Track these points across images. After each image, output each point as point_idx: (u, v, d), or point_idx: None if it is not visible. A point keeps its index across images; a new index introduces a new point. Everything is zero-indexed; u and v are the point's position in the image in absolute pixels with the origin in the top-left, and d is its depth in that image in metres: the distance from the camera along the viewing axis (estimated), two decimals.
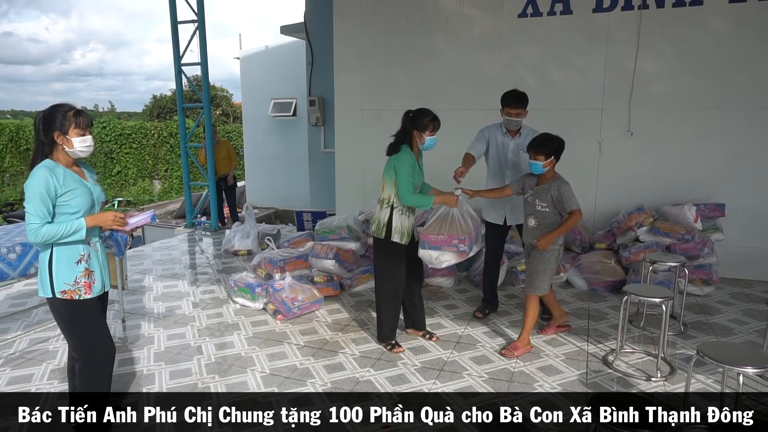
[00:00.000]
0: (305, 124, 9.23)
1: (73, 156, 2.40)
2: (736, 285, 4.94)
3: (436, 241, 3.39)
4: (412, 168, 3.43)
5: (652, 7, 5.09)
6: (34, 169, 2.34)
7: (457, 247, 3.36)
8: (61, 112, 2.36)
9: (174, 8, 7.22)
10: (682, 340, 3.79)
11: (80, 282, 2.42)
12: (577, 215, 3.34)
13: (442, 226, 3.44)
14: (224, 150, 7.97)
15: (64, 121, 2.35)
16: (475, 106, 5.89)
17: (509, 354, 3.51)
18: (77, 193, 2.37)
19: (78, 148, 2.37)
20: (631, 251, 4.86)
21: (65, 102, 2.42)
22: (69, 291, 2.40)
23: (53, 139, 2.35)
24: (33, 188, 2.29)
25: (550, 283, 3.52)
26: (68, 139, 2.36)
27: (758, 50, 4.85)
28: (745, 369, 2.31)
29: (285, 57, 11.21)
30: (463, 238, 3.36)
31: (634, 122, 5.28)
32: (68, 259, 2.40)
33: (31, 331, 3.96)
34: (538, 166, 3.31)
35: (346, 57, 6.39)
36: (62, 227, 2.32)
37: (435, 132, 3.48)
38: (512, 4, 5.57)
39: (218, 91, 26.63)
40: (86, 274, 2.44)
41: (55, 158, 2.38)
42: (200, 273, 5.53)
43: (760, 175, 5.01)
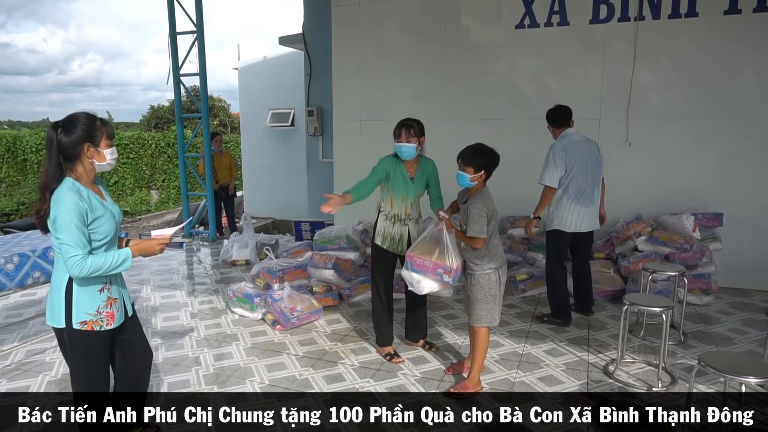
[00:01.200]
0: (303, 134, 9.24)
1: (100, 169, 2.22)
2: (735, 294, 4.95)
3: (421, 264, 3.13)
4: (383, 169, 3.47)
5: (648, 18, 5.14)
6: (60, 194, 2.09)
7: (441, 277, 3.08)
8: (87, 121, 2.15)
9: (173, 19, 7.25)
10: (683, 349, 3.78)
11: (103, 312, 2.23)
12: (474, 243, 2.98)
13: (431, 250, 3.13)
14: (227, 160, 8.02)
15: (95, 131, 2.15)
16: (473, 116, 5.92)
17: (457, 391, 3.12)
18: (104, 218, 2.19)
19: (108, 161, 2.20)
20: (630, 260, 4.86)
21: (83, 111, 2.20)
22: (90, 322, 2.20)
23: (80, 153, 2.13)
24: (66, 216, 2.05)
25: (497, 312, 3.14)
26: (99, 152, 2.17)
27: (753, 61, 4.90)
28: (747, 379, 2.30)
29: (283, 67, 11.26)
30: (449, 269, 3.06)
31: (632, 132, 5.31)
32: (91, 287, 2.20)
33: (27, 342, 3.93)
34: (465, 178, 3.02)
35: (345, 67, 6.42)
36: (108, 259, 2.11)
37: (402, 139, 3.42)
38: (510, 16, 5.61)
39: (216, 101, 26.68)
40: (109, 303, 2.25)
41: (76, 175, 2.16)
42: (198, 283, 5.51)
43: (757, 184, 5.03)
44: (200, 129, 7.51)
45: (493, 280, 3.07)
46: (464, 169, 3.01)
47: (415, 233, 3.52)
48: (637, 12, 5.15)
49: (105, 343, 2.29)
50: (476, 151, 3.02)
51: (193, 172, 8.05)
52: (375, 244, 3.59)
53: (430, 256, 3.09)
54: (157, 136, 19.52)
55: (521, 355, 3.69)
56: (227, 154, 8.12)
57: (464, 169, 3.01)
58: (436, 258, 3.07)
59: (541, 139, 5.52)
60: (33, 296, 4.89)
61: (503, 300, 4.75)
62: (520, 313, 4.51)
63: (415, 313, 3.78)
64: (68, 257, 2.06)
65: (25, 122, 37.06)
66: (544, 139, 5.55)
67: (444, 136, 6.05)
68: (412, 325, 3.82)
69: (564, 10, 5.42)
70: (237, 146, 16.18)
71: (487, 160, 3.00)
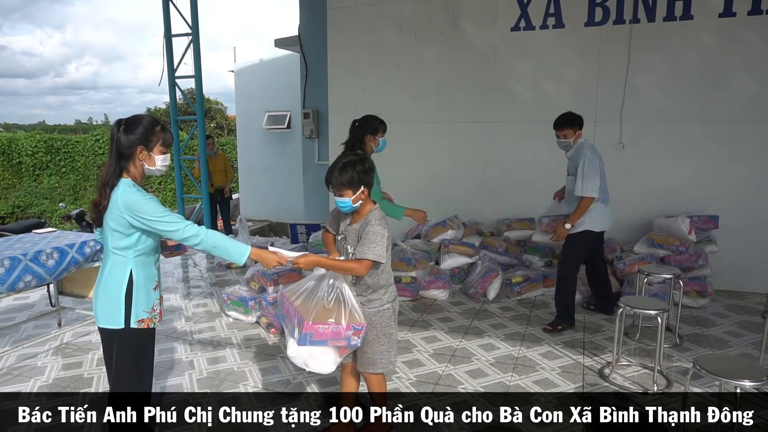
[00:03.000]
0: (299, 136, 9.23)
1: (149, 173, 2.24)
2: (731, 297, 4.94)
3: (324, 333, 2.28)
4: (377, 175, 3.44)
5: (643, 21, 5.15)
6: (132, 189, 2.13)
7: (349, 340, 2.32)
8: (148, 125, 2.17)
9: (168, 21, 7.23)
10: (678, 352, 3.77)
11: (156, 309, 2.27)
12: (358, 270, 2.35)
13: (334, 309, 2.33)
14: (222, 162, 7.99)
15: (152, 136, 2.17)
16: (468, 118, 5.91)
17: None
18: None
19: (158, 167, 2.22)
20: (626, 263, 4.86)
21: (147, 114, 2.25)
22: (147, 320, 2.22)
23: (133, 153, 2.15)
24: (154, 201, 2.14)
25: (393, 354, 2.54)
26: (151, 156, 2.19)
27: (747, 64, 4.91)
28: (743, 382, 2.29)
29: (279, 70, 11.25)
30: (360, 328, 2.32)
31: (626, 135, 5.31)
32: (148, 285, 2.23)
33: (19, 346, 3.89)
34: (346, 204, 2.39)
35: (341, 70, 6.41)
36: (230, 242, 2.17)
37: (384, 133, 3.65)
38: (505, 18, 5.62)
39: (213, 103, 26.68)
40: (161, 301, 2.32)
41: (131, 176, 2.18)
42: (193, 286, 5.48)
43: (752, 187, 5.04)
44: (195, 131, 7.48)
45: (388, 315, 2.49)
46: (341, 195, 2.38)
47: None
48: (632, 15, 5.15)
49: (154, 341, 2.36)
50: (345, 166, 2.38)
51: (189, 175, 8.02)
52: None
53: (339, 316, 2.31)
54: None
55: (516, 358, 3.67)
56: (222, 157, 8.09)
57: (341, 194, 2.38)
58: (348, 318, 2.31)
59: (537, 142, 5.53)
60: (25, 300, 4.86)
61: (498, 302, 4.78)
62: (516, 316, 4.50)
63: None
64: (184, 226, 2.12)
65: (21, 125, 37.01)
66: (539, 142, 5.57)
67: (440, 138, 6.06)
68: None
69: (559, 13, 5.42)
70: (233, 149, 16.15)
71: (361, 171, 2.37)
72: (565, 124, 4.02)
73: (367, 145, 3.65)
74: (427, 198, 6.00)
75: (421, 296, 4.96)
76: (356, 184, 2.37)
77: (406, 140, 6.13)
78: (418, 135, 6.12)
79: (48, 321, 4.34)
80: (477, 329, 4.21)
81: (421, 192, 6.02)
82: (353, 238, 2.46)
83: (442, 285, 4.95)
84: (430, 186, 6.10)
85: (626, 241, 5.32)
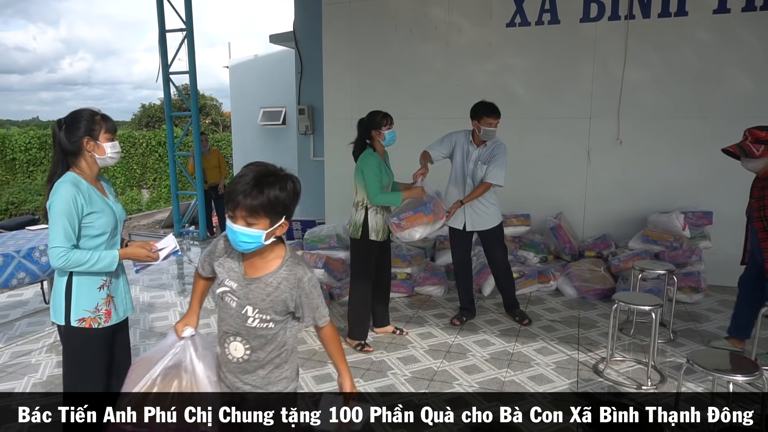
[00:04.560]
0: (294, 132, 9.20)
1: (102, 164, 2.23)
2: (725, 292, 4.96)
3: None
4: (378, 168, 3.58)
5: (639, 17, 5.15)
6: (58, 185, 2.11)
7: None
8: (88, 116, 2.18)
9: (162, 17, 7.19)
10: (672, 347, 3.79)
11: (101, 309, 2.22)
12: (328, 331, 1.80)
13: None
14: (215, 159, 7.94)
15: (94, 125, 2.17)
16: (464, 115, 5.88)
17: None
18: (102, 213, 2.19)
19: (109, 154, 2.21)
20: (621, 259, 4.87)
21: (85, 107, 2.24)
22: (88, 319, 2.19)
23: (80, 147, 2.15)
24: (59, 207, 2.07)
25: None
26: (99, 145, 2.18)
27: (742, 60, 4.92)
28: (735, 377, 2.31)
29: (274, 66, 11.20)
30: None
31: (623, 131, 5.32)
32: (90, 284, 2.20)
33: (12, 344, 3.88)
34: (252, 239, 1.59)
35: (336, 65, 6.39)
36: (93, 257, 2.11)
37: (391, 126, 3.68)
38: (501, 14, 5.61)
39: (207, 100, 26.55)
40: (108, 300, 2.25)
41: (80, 170, 2.18)
42: (188, 283, 5.46)
43: (746, 183, 5.01)
44: (190, 128, 7.44)
45: None
46: (249, 222, 1.57)
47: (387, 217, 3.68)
48: (628, 11, 5.15)
49: (102, 342, 2.27)
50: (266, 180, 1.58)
51: (183, 171, 7.99)
52: (369, 241, 3.64)
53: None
54: (148, 135, 19.39)
55: (511, 354, 3.68)
56: (216, 153, 8.05)
57: (250, 221, 1.57)
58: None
59: (532, 138, 5.54)
60: (19, 297, 4.83)
61: (493, 299, 4.79)
62: None
63: (385, 300, 3.98)
64: (51, 246, 2.07)
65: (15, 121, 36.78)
66: (534, 138, 5.58)
67: (435, 135, 6.04)
68: (382, 312, 3.99)
69: (555, 9, 5.42)
70: (228, 145, 16.10)
71: (291, 193, 1.63)
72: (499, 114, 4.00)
73: (376, 141, 3.68)
74: None
75: (416, 292, 4.97)
76: (279, 211, 1.59)
77: (401, 135, 6.08)
78: (413, 130, 6.10)
79: (42, 318, 4.32)
80: (472, 325, 4.21)
81: None
82: (258, 296, 1.67)
83: (438, 281, 4.95)
84: (425, 182, 6.09)
85: (621, 237, 5.34)
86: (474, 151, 4.07)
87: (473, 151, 4.07)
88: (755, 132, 3.33)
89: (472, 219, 4.10)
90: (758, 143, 3.29)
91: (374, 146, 3.68)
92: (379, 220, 3.65)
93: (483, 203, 4.08)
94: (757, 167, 3.35)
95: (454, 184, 4.17)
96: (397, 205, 3.64)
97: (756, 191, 3.40)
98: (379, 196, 3.55)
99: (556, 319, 4.19)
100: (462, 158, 4.10)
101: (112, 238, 2.27)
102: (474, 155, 4.06)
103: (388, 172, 3.70)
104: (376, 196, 3.55)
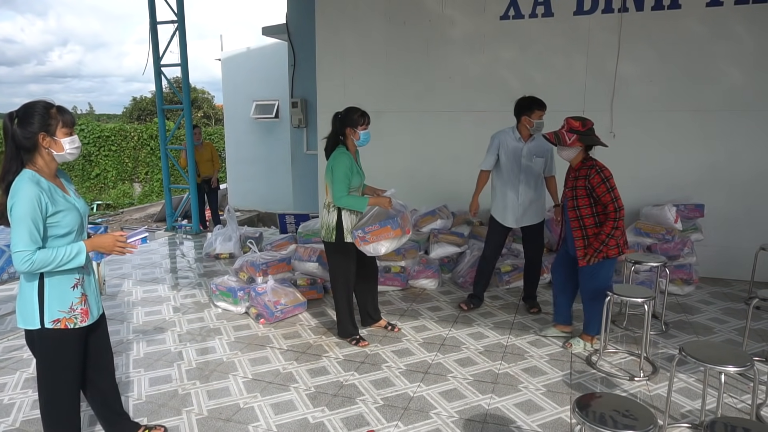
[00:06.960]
0: (287, 126, 9.16)
1: (61, 160, 2.10)
2: (716, 284, 5.01)
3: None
4: (350, 169, 3.47)
5: (632, 10, 5.15)
6: (18, 184, 1.97)
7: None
8: (42, 110, 2.02)
9: (153, 8, 7.11)
10: (664, 339, 3.82)
11: (77, 309, 2.13)
12: None
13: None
14: (208, 152, 7.89)
15: (49, 119, 2.02)
16: (457, 107, 5.90)
17: None
18: (67, 211, 2.07)
19: (68, 150, 2.07)
20: None
21: (40, 99, 2.07)
22: (64, 319, 2.10)
23: (36, 143, 2.02)
24: (22, 208, 1.94)
25: None
26: (56, 141, 2.04)
27: (735, 53, 4.93)
28: (727, 368, 2.33)
29: (267, 59, 11.12)
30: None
31: (616, 124, 5.33)
32: (63, 285, 2.10)
33: (4, 338, 3.85)
34: None
35: (329, 58, 6.35)
36: (59, 253, 2.00)
37: (367, 126, 3.54)
38: (494, 6, 5.59)
39: (200, 93, 26.35)
40: (83, 299, 2.16)
41: (37, 167, 2.05)
42: (181, 277, 5.44)
43: (738, 176, 5.09)
44: (182, 121, 7.39)
45: None
46: None
47: None
48: (621, 4, 5.15)
49: (79, 343, 2.20)
50: None
51: (176, 165, 7.93)
52: (345, 243, 3.57)
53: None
54: (139, 128, 19.23)
55: (506, 347, 3.70)
56: (208, 146, 8.00)
57: None
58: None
59: None
60: (10, 291, 4.79)
61: (487, 291, 4.79)
62: (505, 305, 4.53)
63: (371, 294, 3.94)
64: (15, 251, 1.96)
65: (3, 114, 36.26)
66: None
67: (428, 127, 6.04)
68: (372, 308, 3.97)
69: (548, 2, 5.41)
70: (221, 138, 16.00)
71: None
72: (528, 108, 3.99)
73: (349, 139, 3.55)
74: (415, 187, 6.01)
75: (410, 286, 4.98)
76: None
77: (395, 129, 6.11)
78: (407, 123, 6.10)
79: None
80: (466, 318, 4.23)
81: (409, 181, 6.03)
82: None
83: (432, 274, 4.96)
84: (419, 175, 6.10)
85: None
86: (524, 147, 4.05)
87: (523, 147, 4.05)
88: (570, 121, 3.36)
89: (521, 215, 4.13)
90: (571, 132, 3.30)
91: (347, 144, 3.56)
92: (354, 221, 3.56)
93: (534, 199, 4.12)
94: (569, 156, 3.39)
95: (505, 184, 4.12)
96: (361, 211, 3.54)
97: (569, 181, 3.46)
98: (344, 199, 3.44)
99: (549, 312, 4.20)
100: (511, 157, 4.07)
101: (79, 235, 2.17)
102: (525, 150, 4.05)
103: (359, 173, 3.57)
104: (341, 198, 3.44)
